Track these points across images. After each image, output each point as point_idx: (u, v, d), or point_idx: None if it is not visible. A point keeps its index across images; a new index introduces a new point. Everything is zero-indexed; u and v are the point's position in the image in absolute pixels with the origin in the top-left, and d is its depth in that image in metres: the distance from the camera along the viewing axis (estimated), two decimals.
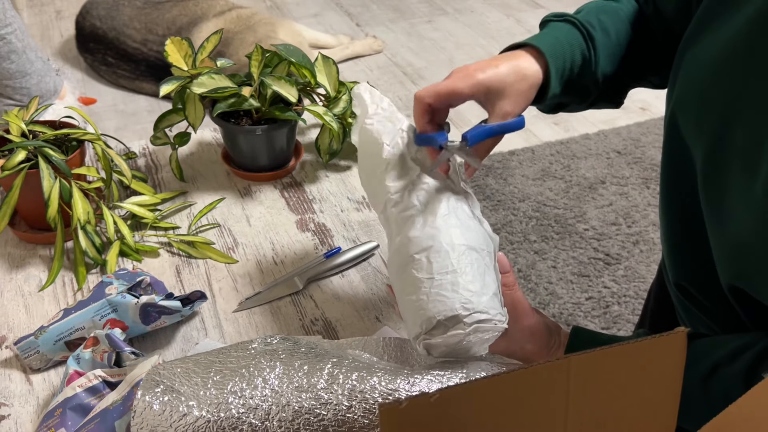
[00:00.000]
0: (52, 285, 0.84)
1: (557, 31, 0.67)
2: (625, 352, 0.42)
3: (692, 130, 0.60)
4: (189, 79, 0.94)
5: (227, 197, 0.99)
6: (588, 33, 0.67)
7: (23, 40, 1.41)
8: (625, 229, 1.97)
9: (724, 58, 0.56)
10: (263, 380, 0.58)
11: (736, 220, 0.54)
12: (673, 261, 0.69)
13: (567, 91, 0.68)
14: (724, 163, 0.55)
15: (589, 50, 0.67)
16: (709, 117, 0.57)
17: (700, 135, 0.58)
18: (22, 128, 0.88)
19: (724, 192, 0.55)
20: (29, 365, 0.73)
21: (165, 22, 2.34)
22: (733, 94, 0.54)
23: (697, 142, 0.59)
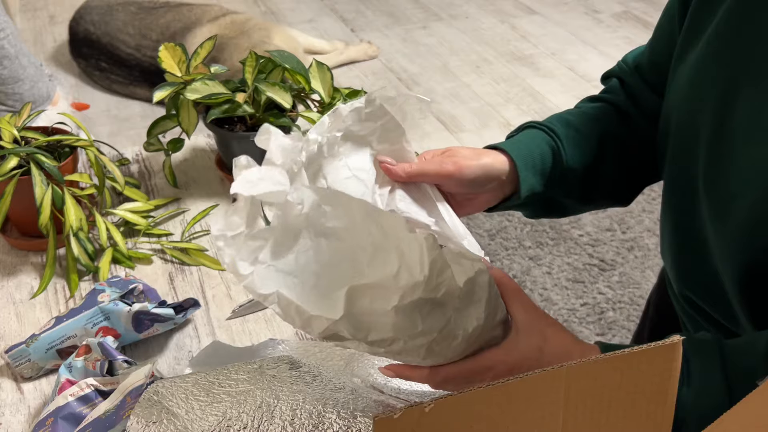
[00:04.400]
0: (44, 292, 0.83)
1: (521, 135, 0.70)
2: (620, 360, 0.42)
3: (690, 121, 0.60)
4: (182, 85, 0.93)
5: (221, 204, 0.99)
6: (548, 127, 0.69)
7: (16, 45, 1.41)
8: (620, 234, 1.97)
9: (711, 50, 0.58)
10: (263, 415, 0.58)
11: (745, 194, 0.55)
12: (678, 273, 0.69)
13: (550, 185, 0.68)
14: (728, 139, 0.56)
15: (554, 141, 0.68)
16: (708, 97, 0.58)
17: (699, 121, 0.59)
18: (14, 134, 0.87)
19: (728, 173, 0.56)
20: (20, 374, 0.72)
21: (159, 28, 2.34)
22: (728, 74, 0.56)
23: (696, 132, 0.59)
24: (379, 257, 0.50)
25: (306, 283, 0.51)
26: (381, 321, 0.50)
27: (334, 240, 0.51)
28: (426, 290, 0.49)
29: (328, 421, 0.57)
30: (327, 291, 0.50)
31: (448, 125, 2.38)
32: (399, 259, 0.49)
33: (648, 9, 3.11)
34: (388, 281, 0.49)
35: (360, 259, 0.51)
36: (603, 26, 3.00)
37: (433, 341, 0.52)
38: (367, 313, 0.50)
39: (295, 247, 0.51)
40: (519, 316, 0.56)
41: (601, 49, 2.80)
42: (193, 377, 0.62)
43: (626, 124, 0.72)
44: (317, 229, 0.51)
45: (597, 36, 2.92)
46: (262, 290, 0.50)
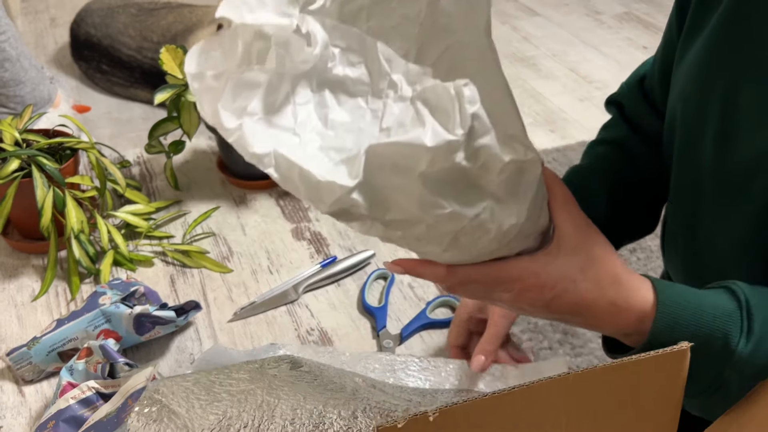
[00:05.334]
0: (45, 295, 0.83)
1: None
2: (625, 368, 0.41)
3: (694, 116, 0.60)
4: (184, 87, 0.93)
5: (222, 206, 0.99)
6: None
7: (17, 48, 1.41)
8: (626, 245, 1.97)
9: (712, 43, 0.58)
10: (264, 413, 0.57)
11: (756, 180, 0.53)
12: (686, 276, 0.68)
13: None
14: (734, 129, 0.55)
15: None
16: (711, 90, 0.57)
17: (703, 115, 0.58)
18: (15, 137, 0.87)
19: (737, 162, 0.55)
20: (22, 376, 0.72)
21: (160, 29, 2.34)
22: (730, 65, 0.55)
23: (701, 127, 0.59)
24: (406, 114, 0.40)
25: (309, 144, 0.40)
26: (404, 194, 0.41)
27: (342, 93, 0.42)
28: (462, 155, 0.39)
29: (329, 420, 0.56)
30: (337, 153, 0.41)
31: None
32: (430, 112, 0.39)
33: (650, 10, 3.11)
34: (416, 140, 0.38)
35: (378, 116, 0.41)
36: (605, 27, 3.00)
37: (462, 230, 0.43)
38: (387, 182, 0.40)
39: (293, 97, 0.41)
40: (565, 227, 0.48)
41: (603, 51, 2.80)
42: (194, 376, 0.61)
43: (633, 163, 0.71)
44: (321, 76, 0.41)
45: (599, 37, 2.92)
46: (255, 149, 0.39)
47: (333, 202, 0.40)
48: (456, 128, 0.39)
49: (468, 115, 0.38)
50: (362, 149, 0.39)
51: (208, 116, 0.39)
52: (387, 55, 0.41)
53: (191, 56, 0.39)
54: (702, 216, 0.62)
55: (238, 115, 0.39)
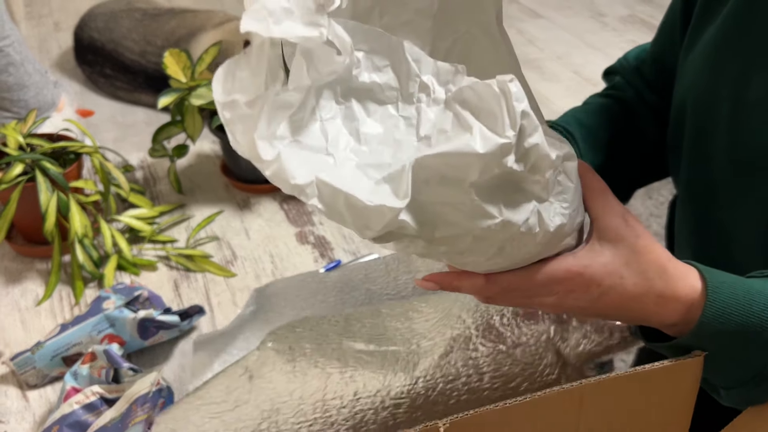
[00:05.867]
0: (49, 299, 0.83)
1: None
2: (637, 378, 0.41)
3: (706, 108, 0.59)
4: (187, 90, 0.93)
5: (226, 210, 0.98)
6: (565, 128, 0.67)
7: (21, 52, 1.41)
8: None
9: (723, 35, 0.58)
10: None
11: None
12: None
13: None
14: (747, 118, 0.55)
15: (571, 142, 0.66)
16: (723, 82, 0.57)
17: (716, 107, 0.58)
18: (19, 141, 0.87)
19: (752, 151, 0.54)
20: (26, 381, 0.72)
21: (163, 34, 2.34)
22: (742, 56, 0.56)
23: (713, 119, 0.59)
24: (445, 119, 0.37)
25: (346, 164, 0.37)
26: (453, 207, 0.38)
27: (369, 101, 0.38)
28: (513, 158, 0.37)
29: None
30: (376, 171, 0.37)
31: None
32: (473, 115, 0.36)
33: (654, 12, 3.10)
34: (466, 147, 0.35)
35: (414, 124, 0.38)
36: (609, 30, 3.00)
37: (510, 238, 0.40)
38: (436, 196, 0.37)
39: (318, 112, 0.37)
40: (605, 220, 0.46)
41: (607, 53, 2.79)
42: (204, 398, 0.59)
43: (634, 121, 0.72)
44: (345, 85, 0.38)
45: (603, 39, 2.91)
46: (297, 180, 0.35)
47: (382, 227, 0.37)
48: (506, 130, 0.36)
49: (517, 113, 0.36)
50: (403, 163, 0.36)
51: (243, 149, 0.36)
52: (414, 54, 0.38)
53: (217, 81, 0.36)
54: (718, 208, 0.61)
55: (272, 143, 0.35)
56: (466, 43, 0.44)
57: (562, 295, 0.46)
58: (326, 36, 0.35)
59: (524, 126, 0.36)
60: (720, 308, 0.46)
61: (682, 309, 0.46)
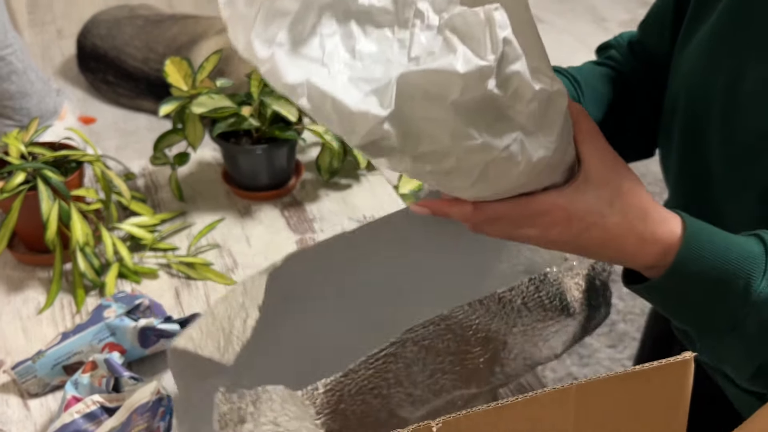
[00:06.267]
0: (50, 308, 0.83)
1: None
2: (630, 378, 0.41)
3: (700, 101, 0.60)
4: (188, 99, 0.94)
5: (227, 217, 0.99)
6: (572, 76, 0.68)
7: (24, 60, 1.42)
8: None
9: (718, 30, 0.59)
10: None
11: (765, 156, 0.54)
12: None
13: None
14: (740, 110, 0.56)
15: (576, 92, 0.68)
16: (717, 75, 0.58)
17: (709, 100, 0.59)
18: (21, 150, 0.87)
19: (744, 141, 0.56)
20: (27, 390, 0.72)
21: (165, 41, 2.35)
22: (736, 51, 0.57)
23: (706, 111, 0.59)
24: (435, 42, 0.40)
25: (338, 75, 0.40)
26: (435, 123, 0.40)
27: (367, 24, 0.41)
28: (493, 82, 0.39)
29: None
30: (367, 84, 0.40)
31: None
32: (459, 39, 0.38)
33: None
34: (448, 66, 0.38)
35: (406, 45, 0.41)
36: (610, 34, 2.98)
37: (492, 162, 0.42)
38: (419, 111, 0.40)
39: (319, 28, 0.40)
40: (592, 160, 0.48)
41: None
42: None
43: (629, 92, 0.72)
44: (346, 6, 0.40)
45: None
46: (288, 78, 0.38)
47: (366, 133, 0.39)
48: (488, 54, 0.38)
49: (499, 39, 0.38)
50: (392, 79, 0.39)
51: (240, 46, 0.38)
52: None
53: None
54: (711, 201, 0.62)
55: (269, 44, 0.38)
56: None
57: (546, 227, 0.47)
58: None
59: (506, 52, 0.38)
60: (695, 252, 0.48)
61: (659, 251, 0.48)
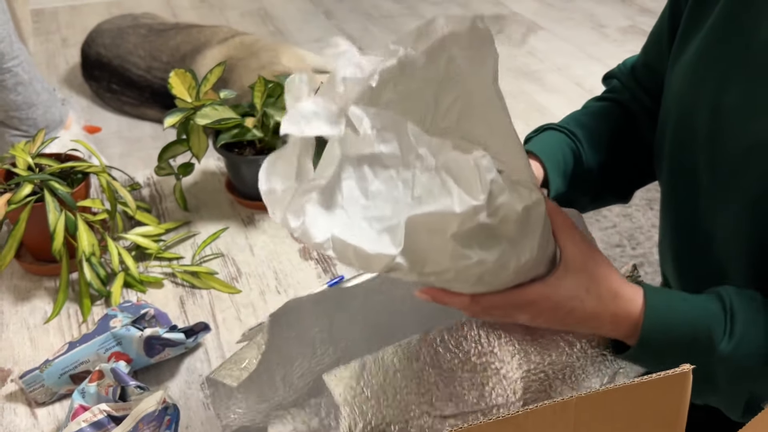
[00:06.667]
0: (57, 317, 0.84)
1: (544, 137, 0.74)
2: (629, 390, 0.42)
3: (688, 116, 0.64)
4: (193, 110, 0.95)
5: (231, 227, 1.00)
6: (568, 130, 0.74)
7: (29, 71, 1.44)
8: (630, 251, 1.97)
9: (707, 45, 0.62)
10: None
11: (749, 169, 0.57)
12: (680, 276, 0.71)
13: (572, 186, 0.72)
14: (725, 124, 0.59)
15: (575, 143, 0.73)
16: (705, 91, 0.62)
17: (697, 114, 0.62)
18: (28, 162, 0.89)
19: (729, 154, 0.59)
20: (34, 399, 0.73)
21: (169, 50, 2.37)
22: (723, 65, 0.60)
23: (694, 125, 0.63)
24: (434, 183, 0.47)
25: (355, 217, 0.47)
26: (437, 251, 0.48)
27: (379, 166, 0.48)
28: (484, 215, 0.47)
29: None
30: (379, 222, 0.48)
31: None
32: (455, 182, 0.46)
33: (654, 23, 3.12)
34: (447, 208, 0.46)
35: (410, 186, 0.48)
36: (609, 40, 3.01)
37: (486, 271, 0.50)
38: (424, 243, 0.47)
39: (338, 172, 0.48)
40: (568, 252, 0.55)
41: (608, 64, 2.81)
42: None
43: (631, 121, 0.77)
44: (359, 153, 0.48)
45: (603, 50, 2.93)
46: (316, 239, 0.46)
47: (382, 268, 0.48)
48: (479, 194, 0.46)
49: (487, 182, 0.46)
50: (400, 218, 0.47)
51: (277, 218, 0.47)
52: (414, 132, 0.48)
53: (263, 174, 0.46)
54: (700, 213, 0.64)
55: (300, 215, 0.46)
56: (465, 100, 0.54)
57: (534, 314, 0.55)
58: (343, 131, 0.46)
59: (493, 190, 0.46)
60: (657, 321, 0.55)
61: (631, 325, 0.56)
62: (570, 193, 0.73)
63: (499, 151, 0.52)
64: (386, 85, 0.51)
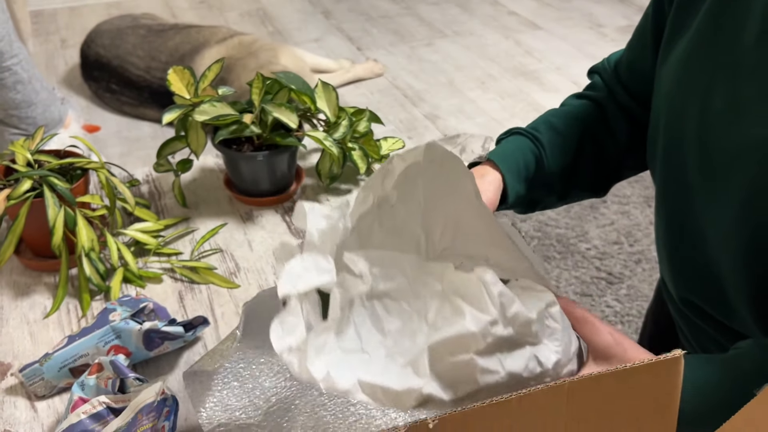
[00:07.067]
0: (56, 312, 0.85)
1: (506, 144, 0.77)
2: (622, 374, 0.42)
3: (678, 118, 0.65)
4: (191, 107, 0.96)
5: (229, 222, 1.00)
6: (533, 135, 0.77)
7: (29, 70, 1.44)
8: (627, 248, 1.97)
9: (693, 48, 0.63)
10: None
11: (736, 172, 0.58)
12: (674, 274, 0.72)
13: (534, 188, 0.76)
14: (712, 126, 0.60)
15: (538, 148, 0.76)
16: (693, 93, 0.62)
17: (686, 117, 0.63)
18: (27, 158, 0.89)
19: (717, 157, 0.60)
20: (34, 392, 0.74)
21: (168, 50, 2.37)
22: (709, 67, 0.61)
23: (683, 127, 0.64)
24: (445, 307, 0.49)
25: (377, 356, 0.48)
26: (465, 373, 0.48)
27: (389, 301, 0.50)
28: (500, 327, 0.48)
29: None
30: (401, 356, 0.49)
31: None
32: (465, 302, 0.48)
33: None
34: (463, 329, 0.48)
35: (423, 314, 0.50)
36: (607, 40, 3.02)
37: (518, 383, 0.50)
38: (449, 366, 0.48)
39: (352, 317, 0.49)
40: (596, 342, 0.55)
41: None
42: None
43: (605, 121, 0.79)
44: (368, 293, 0.50)
45: (601, 50, 2.93)
46: (342, 386, 0.47)
47: (413, 403, 0.48)
48: (490, 308, 0.48)
49: (495, 295, 0.48)
50: (420, 347, 0.48)
51: (300, 373, 0.47)
52: (413, 262, 0.51)
53: (275, 336, 0.47)
54: (691, 213, 0.65)
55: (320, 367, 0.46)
56: (453, 222, 0.56)
57: None
58: (335, 279, 0.49)
59: (503, 302, 0.48)
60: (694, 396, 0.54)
61: None
62: (533, 195, 0.76)
63: (500, 262, 0.54)
64: (372, 226, 0.54)
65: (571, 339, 0.53)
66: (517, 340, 0.49)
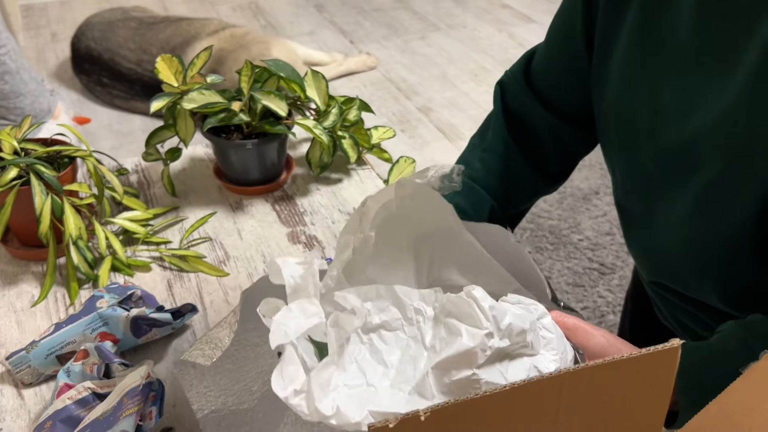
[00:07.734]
0: (44, 301, 0.84)
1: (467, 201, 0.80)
2: (617, 365, 0.42)
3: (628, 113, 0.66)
4: (179, 95, 0.95)
5: (219, 211, 1.00)
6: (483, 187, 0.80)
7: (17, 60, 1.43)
8: (619, 239, 1.98)
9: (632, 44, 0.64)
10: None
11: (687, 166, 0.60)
12: (642, 260, 0.73)
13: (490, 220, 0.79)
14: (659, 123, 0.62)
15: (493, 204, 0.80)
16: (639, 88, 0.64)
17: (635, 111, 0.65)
18: (14, 146, 0.89)
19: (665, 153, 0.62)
20: (21, 380, 0.73)
21: (159, 42, 2.36)
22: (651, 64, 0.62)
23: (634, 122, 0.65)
24: (440, 330, 0.51)
25: (382, 387, 0.50)
26: (470, 388, 0.50)
27: (385, 332, 0.51)
28: (497, 339, 0.50)
29: None
30: (406, 384, 0.50)
31: (447, 134, 2.39)
32: (459, 321, 0.50)
33: None
34: (461, 347, 0.49)
35: (419, 340, 0.51)
36: None
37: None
38: (455, 386, 0.50)
39: (353, 354, 0.50)
40: (590, 347, 0.57)
41: None
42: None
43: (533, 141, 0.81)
44: (364, 327, 0.51)
45: None
46: (354, 419, 0.47)
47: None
48: (483, 323, 0.49)
49: (486, 308, 0.49)
50: (423, 372, 0.49)
51: (311, 414, 0.47)
52: (404, 291, 0.52)
53: (276, 385, 0.47)
54: (649, 200, 0.66)
55: (328, 404, 0.47)
56: (440, 256, 0.58)
57: None
58: (324, 318, 0.50)
59: (495, 315, 0.50)
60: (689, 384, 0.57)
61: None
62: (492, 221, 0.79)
63: (489, 284, 0.55)
64: (356, 270, 0.56)
65: (566, 347, 0.55)
66: (515, 352, 0.51)
